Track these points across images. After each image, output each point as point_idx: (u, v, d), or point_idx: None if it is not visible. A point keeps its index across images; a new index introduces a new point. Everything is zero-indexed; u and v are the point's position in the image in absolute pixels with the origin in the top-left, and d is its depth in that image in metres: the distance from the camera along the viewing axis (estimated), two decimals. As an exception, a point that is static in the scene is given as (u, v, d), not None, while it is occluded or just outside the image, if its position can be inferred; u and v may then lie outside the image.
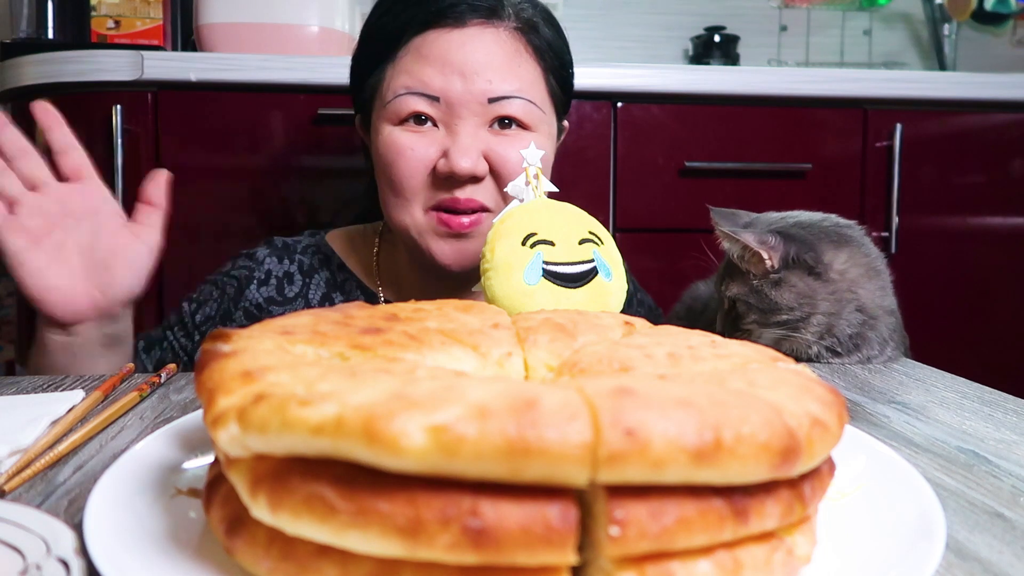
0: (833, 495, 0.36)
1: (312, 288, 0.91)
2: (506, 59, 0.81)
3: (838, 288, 0.69)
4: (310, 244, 0.95)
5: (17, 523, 0.32)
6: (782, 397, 0.30)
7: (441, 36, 0.80)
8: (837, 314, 0.70)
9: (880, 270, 0.73)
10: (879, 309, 0.71)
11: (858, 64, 2.11)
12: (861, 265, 0.71)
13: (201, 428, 0.43)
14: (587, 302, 0.54)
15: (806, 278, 0.69)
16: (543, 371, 0.38)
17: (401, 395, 0.26)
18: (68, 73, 1.24)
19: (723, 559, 0.28)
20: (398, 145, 0.80)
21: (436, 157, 0.80)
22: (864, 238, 0.74)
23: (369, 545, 0.25)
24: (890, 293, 0.73)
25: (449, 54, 0.80)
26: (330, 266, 0.93)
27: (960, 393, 0.61)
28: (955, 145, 1.50)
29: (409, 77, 0.80)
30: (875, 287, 0.71)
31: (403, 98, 0.80)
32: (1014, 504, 0.39)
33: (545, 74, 0.85)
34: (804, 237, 0.71)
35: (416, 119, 0.80)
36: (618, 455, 0.25)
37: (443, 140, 0.80)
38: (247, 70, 1.26)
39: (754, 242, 0.70)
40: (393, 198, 0.83)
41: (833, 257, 0.70)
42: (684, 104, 1.41)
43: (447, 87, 0.79)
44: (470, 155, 0.78)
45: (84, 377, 0.66)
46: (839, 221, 0.75)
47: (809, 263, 0.69)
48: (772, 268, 0.70)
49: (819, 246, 0.70)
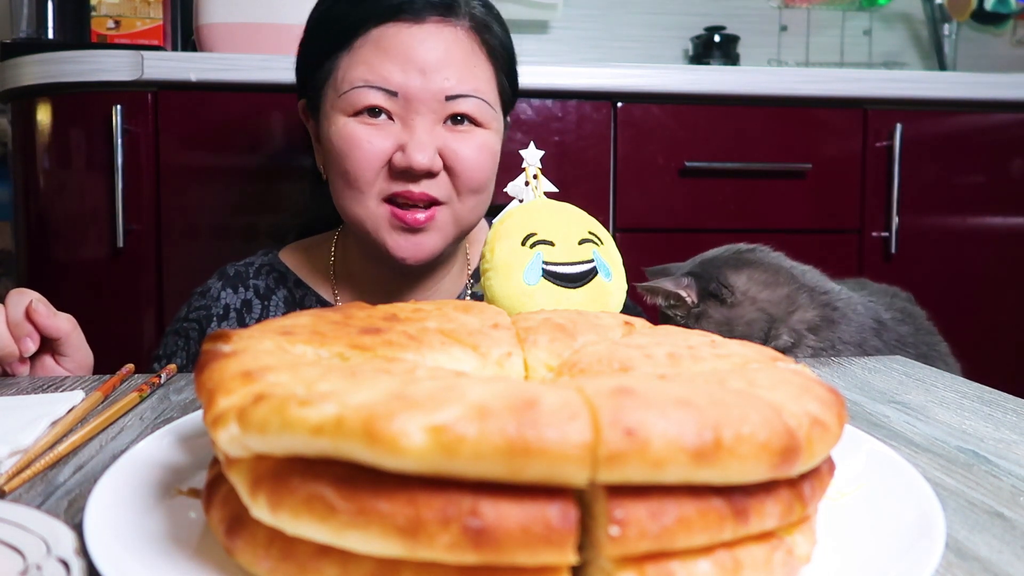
0: (833, 495, 0.36)
1: (272, 310, 0.91)
2: (463, 58, 0.83)
3: (746, 310, 0.77)
4: (264, 264, 0.94)
5: (17, 523, 0.32)
6: (782, 397, 0.30)
7: (400, 31, 0.81)
8: (749, 335, 0.77)
9: (785, 280, 0.79)
10: (785, 312, 0.78)
11: (858, 64, 2.10)
12: (760, 282, 0.78)
13: (201, 428, 0.43)
14: (587, 302, 0.53)
15: (720, 308, 0.78)
16: (543, 371, 0.38)
17: (401, 395, 0.26)
18: (68, 73, 1.24)
19: (723, 559, 0.28)
20: (354, 137, 0.81)
21: (391, 150, 0.81)
22: (767, 256, 0.81)
23: (369, 545, 0.25)
24: (804, 295, 0.78)
25: (410, 50, 0.81)
26: (287, 283, 0.93)
27: (960, 393, 0.61)
28: (955, 145, 1.50)
29: (368, 70, 0.81)
30: (779, 296, 0.78)
31: (360, 90, 0.81)
32: (1014, 504, 0.39)
33: (497, 73, 0.87)
34: (708, 270, 0.79)
35: (371, 112, 0.81)
36: (618, 455, 0.25)
37: (398, 134, 0.81)
38: (247, 70, 1.26)
39: (671, 286, 0.78)
40: (347, 190, 0.83)
41: (736, 280, 0.78)
42: (684, 104, 1.41)
43: (407, 83, 0.80)
44: (427, 151, 0.79)
45: (84, 377, 0.66)
46: (740, 247, 0.83)
47: (717, 294, 0.78)
48: (693, 303, 0.79)
49: (722, 274, 0.79)
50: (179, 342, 0.91)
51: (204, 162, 1.31)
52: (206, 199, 1.31)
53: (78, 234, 1.31)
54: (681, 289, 0.78)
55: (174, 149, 1.29)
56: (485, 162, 0.84)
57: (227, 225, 1.32)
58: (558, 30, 2.01)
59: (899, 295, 0.92)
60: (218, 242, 1.31)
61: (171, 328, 0.94)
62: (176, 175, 1.30)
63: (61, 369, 0.71)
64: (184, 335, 0.91)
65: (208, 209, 1.31)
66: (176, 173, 1.30)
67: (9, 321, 0.66)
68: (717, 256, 0.82)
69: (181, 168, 1.30)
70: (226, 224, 1.32)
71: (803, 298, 0.77)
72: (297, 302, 0.92)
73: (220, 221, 1.31)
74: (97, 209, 1.28)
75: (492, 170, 0.86)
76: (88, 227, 1.30)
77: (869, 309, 0.81)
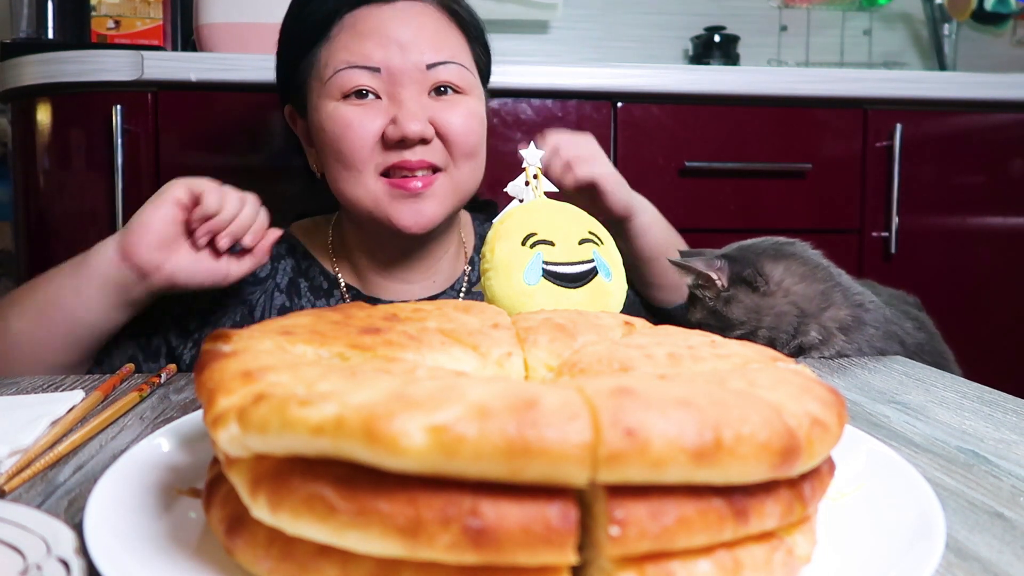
0: (833, 495, 0.36)
1: (279, 273, 0.94)
2: (436, 30, 0.86)
3: (777, 300, 0.76)
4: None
5: (17, 523, 0.32)
6: (782, 397, 0.30)
7: (372, 12, 0.85)
8: (777, 327, 0.76)
9: (823, 277, 0.78)
10: (818, 308, 0.77)
11: (858, 64, 2.10)
12: (797, 274, 0.77)
13: (201, 428, 0.43)
14: (587, 302, 0.53)
15: (751, 295, 0.76)
16: (543, 371, 0.38)
17: (401, 395, 0.26)
18: (68, 73, 1.24)
19: (723, 559, 0.28)
20: (345, 119, 0.83)
21: (383, 126, 0.83)
22: (806, 252, 0.80)
23: (369, 545, 0.25)
24: (838, 294, 0.78)
25: (385, 28, 0.84)
26: (295, 254, 0.96)
27: (960, 393, 0.61)
28: (955, 145, 1.50)
29: (348, 52, 0.84)
30: (814, 291, 0.77)
31: (344, 72, 0.83)
32: (1014, 504, 0.39)
33: (470, 43, 0.90)
34: (746, 256, 0.78)
35: (358, 94, 0.83)
36: (618, 455, 0.25)
37: (388, 109, 0.83)
38: (247, 70, 1.26)
39: (702, 266, 0.77)
40: (344, 172, 0.85)
41: (772, 270, 0.77)
42: (684, 104, 1.41)
43: (387, 58, 0.83)
44: (418, 119, 0.82)
45: (84, 377, 0.66)
46: (779, 239, 0.82)
47: (751, 281, 0.76)
48: (723, 287, 0.77)
49: (759, 262, 0.78)
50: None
51: (204, 162, 1.31)
52: (206, 199, 1.30)
53: (78, 234, 1.31)
54: (713, 271, 0.77)
55: (174, 149, 1.29)
56: (475, 127, 0.87)
57: (227, 225, 1.31)
58: (558, 30, 2.01)
59: (906, 299, 0.92)
60: (218, 242, 1.30)
61: None
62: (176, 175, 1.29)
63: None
64: None
65: (208, 209, 1.30)
66: (176, 173, 1.28)
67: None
68: (756, 244, 0.81)
69: (181, 168, 1.29)
70: (226, 224, 1.31)
71: (837, 296, 0.77)
72: (302, 272, 0.94)
73: (220, 221, 1.31)
74: (97, 209, 1.28)
75: (482, 135, 0.89)
76: (88, 227, 1.30)
77: (895, 315, 0.81)
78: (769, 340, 0.76)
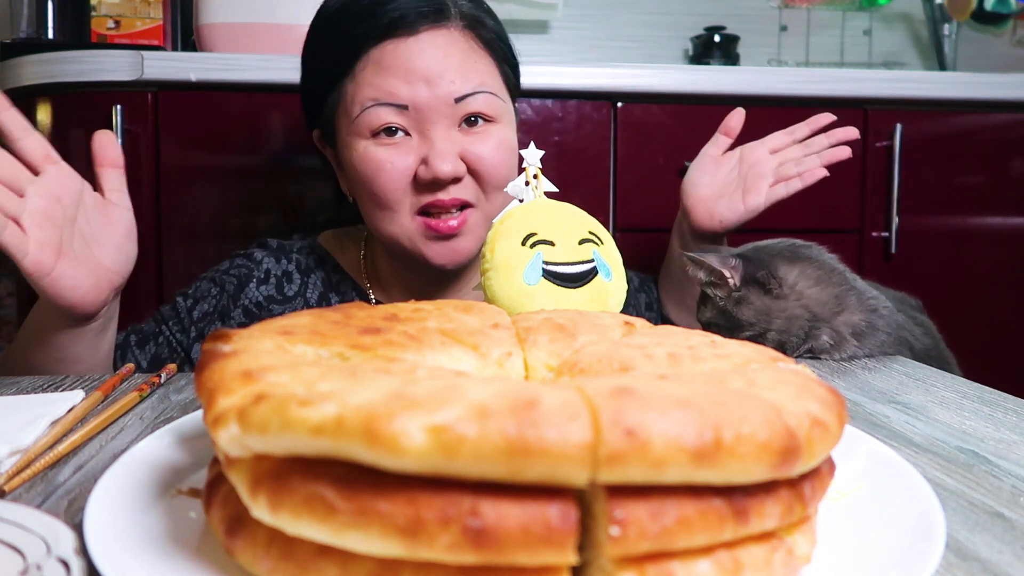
0: (833, 495, 0.36)
1: (310, 288, 0.93)
2: (463, 58, 0.84)
3: (789, 303, 0.75)
4: (304, 245, 0.97)
5: (17, 523, 0.32)
6: (782, 397, 0.30)
7: (398, 46, 0.82)
8: (788, 331, 0.75)
9: (837, 281, 0.78)
10: (831, 313, 0.76)
11: (858, 64, 2.10)
12: (812, 278, 0.77)
13: (201, 428, 0.43)
14: (587, 302, 0.54)
15: (763, 296, 0.75)
16: (543, 371, 0.38)
17: (401, 395, 0.26)
18: (68, 73, 1.24)
19: (723, 559, 0.28)
20: (376, 160, 0.82)
21: (415, 165, 0.82)
22: (822, 255, 0.80)
23: (369, 545, 0.25)
24: (853, 297, 0.77)
25: (410, 62, 0.82)
26: (325, 267, 0.94)
27: (960, 393, 0.61)
28: (955, 145, 1.50)
29: (374, 89, 0.82)
30: (828, 296, 0.76)
31: (371, 110, 0.82)
32: (1014, 504, 0.39)
33: (499, 64, 0.88)
34: (761, 257, 0.77)
35: (387, 131, 0.82)
36: (618, 455, 0.25)
37: (418, 147, 0.82)
38: (247, 70, 1.26)
39: (716, 263, 0.76)
40: (379, 211, 0.85)
41: (787, 273, 0.76)
42: (684, 104, 1.41)
43: (414, 94, 0.81)
44: (449, 158, 0.81)
45: (84, 377, 0.66)
46: (796, 242, 0.81)
47: (764, 283, 0.76)
48: (734, 287, 0.76)
49: (773, 264, 0.77)
50: (213, 290, 0.92)
51: (204, 162, 1.31)
52: (206, 199, 1.30)
53: (78, 234, 1.31)
54: (726, 268, 0.76)
55: (174, 149, 1.29)
56: (506, 159, 0.86)
57: (227, 225, 1.31)
58: (558, 30, 2.01)
59: (909, 302, 0.92)
60: (218, 242, 1.30)
61: (207, 275, 0.94)
62: (176, 175, 1.29)
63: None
64: (220, 285, 0.92)
65: (208, 209, 1.30)
66: (176, 173, 1.29)
67: None
68: (772, 245, 0.80)
69: (181, 168, 1.30)
70: (226, 224, 1.31)
71: (852, 301, 0.76)
72: (334, 286, 0.94)
73: (220, 221, 1.31)
74: (97, 209, 1.28)
75: (513, 165, 0.88)
76: (88, 227, 1.30)
77: (905, 321, 0.81)
78: (779, 343, 0.75)
